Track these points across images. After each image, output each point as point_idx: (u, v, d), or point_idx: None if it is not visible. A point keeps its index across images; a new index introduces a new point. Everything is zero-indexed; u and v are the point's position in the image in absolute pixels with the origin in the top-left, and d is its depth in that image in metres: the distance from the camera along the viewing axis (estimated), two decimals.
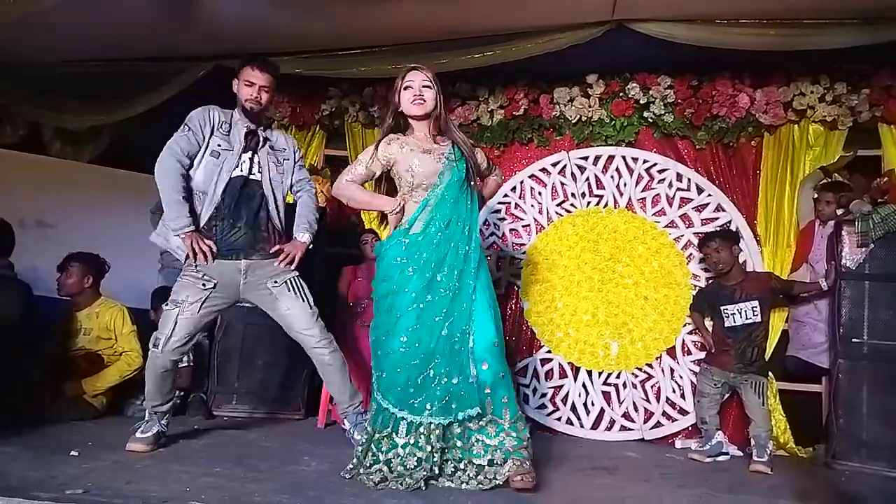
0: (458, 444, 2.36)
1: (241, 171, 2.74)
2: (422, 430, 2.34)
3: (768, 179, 3.74)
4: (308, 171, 3.04)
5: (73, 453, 2.43)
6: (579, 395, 3.73)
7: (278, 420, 3.55)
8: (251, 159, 2.78)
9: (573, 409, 3.72)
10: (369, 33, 3.66)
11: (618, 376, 3.72)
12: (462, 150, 2.53)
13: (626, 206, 3.89)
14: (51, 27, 3.59)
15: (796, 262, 3.61)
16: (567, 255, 3.90)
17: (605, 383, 3.73)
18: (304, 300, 2.75)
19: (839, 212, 3.49)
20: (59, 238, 4.31)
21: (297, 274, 2.79)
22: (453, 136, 2.57)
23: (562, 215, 3.99)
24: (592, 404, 3.71)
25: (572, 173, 4.00)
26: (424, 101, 2.50)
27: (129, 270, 3.91)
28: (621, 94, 3.92)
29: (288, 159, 2.90)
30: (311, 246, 2.87)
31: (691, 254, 3.75)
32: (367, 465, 2.36)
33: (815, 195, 3.60)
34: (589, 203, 3.95)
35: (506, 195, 4.09)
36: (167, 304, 2.68)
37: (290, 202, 2.96)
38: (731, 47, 3.33)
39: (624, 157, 3.94)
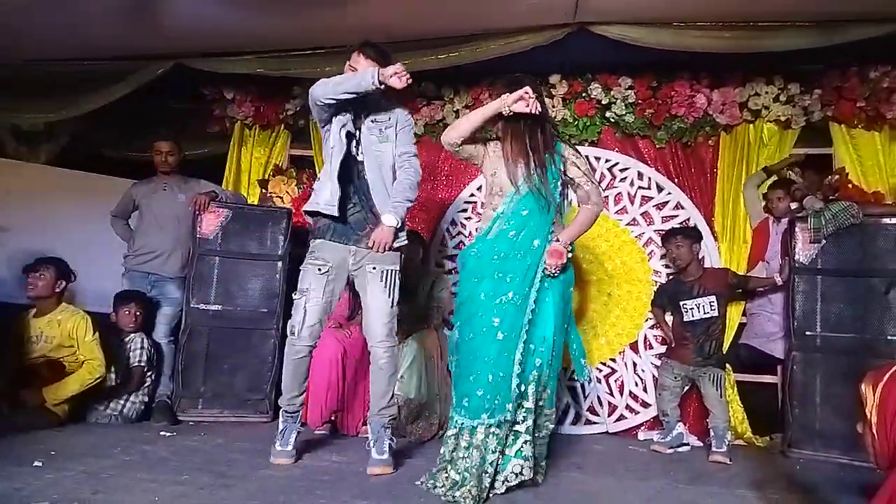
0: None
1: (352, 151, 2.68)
2: (482, 431, 2.33)
3: (725, 177, 3.85)
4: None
5: (36, 464, 2.39)
6: None
7: (245, 424, 3.50)
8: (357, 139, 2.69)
9: None
10: (333, 33, 3.63)
11: None
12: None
13: None
14: (11, 27, 3.49)
15: (752, 259, 3.73)
16: None
17: (570, 379, 3.80)
18: (389, 296, 2.66)
19: (793, 205, 3.61)
20: (13, 242, 4.19)
21: (398, 269, 2.70)
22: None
23: None
24: (560, 400, 3.77)
25: None
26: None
27: (89, 274, 3.81)
28: (584, 95, 3.97)
29: (390, 127, 2.72)
30: (399, 227, 2.65)
31: (652, 251, 3.84)
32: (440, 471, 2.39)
33: (766, 192, 3.72)
34: None
35: (472, 194, 4.13)
36: (294, 294, 2.71)
37: None
38: (689, 49, 3.39)
39: (587, 157, 3.97)
